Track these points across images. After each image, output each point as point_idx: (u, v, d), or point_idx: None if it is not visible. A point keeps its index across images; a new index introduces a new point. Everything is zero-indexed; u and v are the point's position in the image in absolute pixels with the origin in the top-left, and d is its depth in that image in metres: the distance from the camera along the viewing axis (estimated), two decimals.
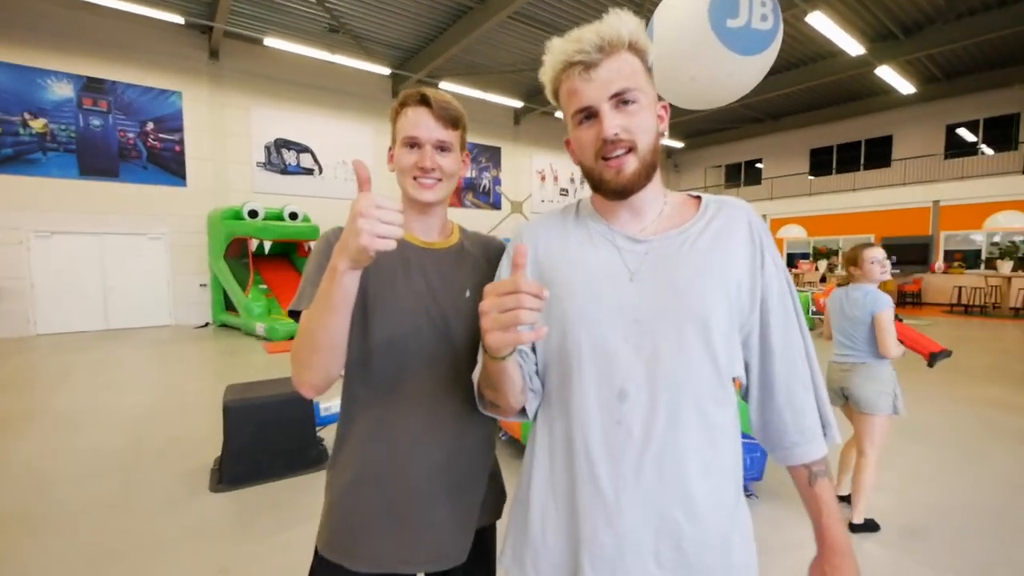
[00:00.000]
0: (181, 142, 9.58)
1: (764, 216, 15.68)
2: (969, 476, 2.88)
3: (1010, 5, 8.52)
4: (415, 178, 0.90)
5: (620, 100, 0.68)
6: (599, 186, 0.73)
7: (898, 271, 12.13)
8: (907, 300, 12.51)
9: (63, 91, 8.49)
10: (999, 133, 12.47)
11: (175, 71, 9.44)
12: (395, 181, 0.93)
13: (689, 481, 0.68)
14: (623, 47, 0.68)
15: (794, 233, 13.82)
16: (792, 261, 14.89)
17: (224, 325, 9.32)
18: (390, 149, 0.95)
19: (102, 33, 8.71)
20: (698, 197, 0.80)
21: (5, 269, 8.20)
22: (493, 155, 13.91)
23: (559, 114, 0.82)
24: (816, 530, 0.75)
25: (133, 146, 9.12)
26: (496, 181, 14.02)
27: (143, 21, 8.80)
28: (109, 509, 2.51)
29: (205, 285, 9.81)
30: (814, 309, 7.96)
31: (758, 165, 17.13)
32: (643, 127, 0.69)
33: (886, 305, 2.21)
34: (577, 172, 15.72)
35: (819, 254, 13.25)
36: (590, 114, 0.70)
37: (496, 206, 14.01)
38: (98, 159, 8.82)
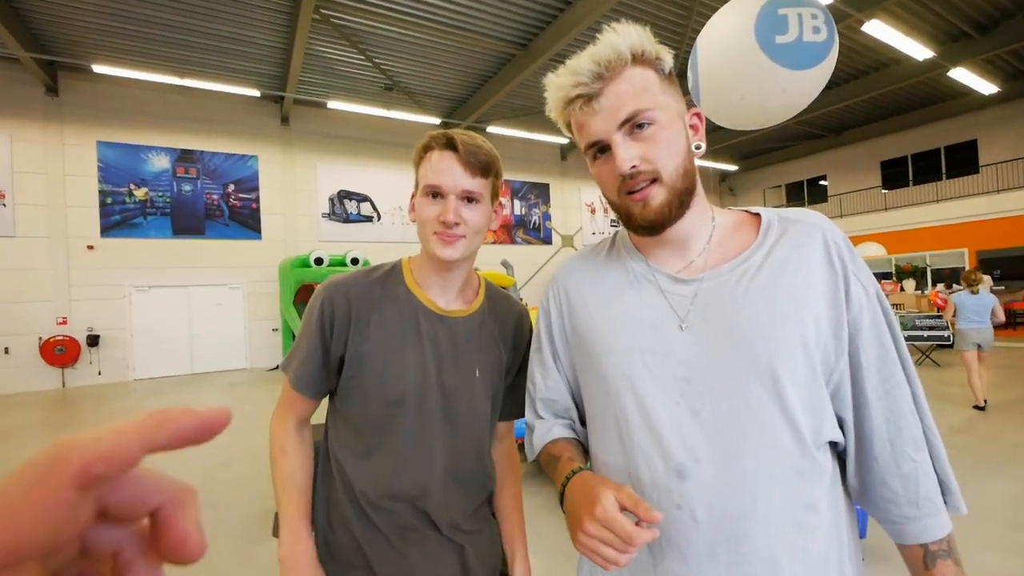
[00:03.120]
0: (257, 200, 10.53)
1: None
2: None
3: None
4: (436, 233, 0.78)
5: (633, 125, 0.59)
6: (628, 222, 0.65)
7: (1003, 287, 10.77)
8: (1016, 320, 10.98)
9: (161, 163, 9.66)
10: None
11: (252, 137, 10.51)
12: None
13: (777, 574, 0.55)
14: (626, 64, 0.59)
15: (872, 251, 12.64)
16: None
17: None
18: (412, 197, 0.84)
19: (192, 110, 9.92)
20: (758, 214, 0.67)
21: (110, 321, 9.20)
22: (542, 192, 14.12)
23: None
24: None
25: (217, 206, 10.13)
26: (546, 216, 14.16)
27: (225, 97, 9.95)
28: None
29: (277, 330, 10.47)
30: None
31: (822, 182, 16.17)
32: (666, 151, 0.59)
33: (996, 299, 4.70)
34: None
35: (903, 272, 12.08)
36: (602, 147, 0.62)
37: (547, 241, 14.09)
38: (188, 220, 9.86)
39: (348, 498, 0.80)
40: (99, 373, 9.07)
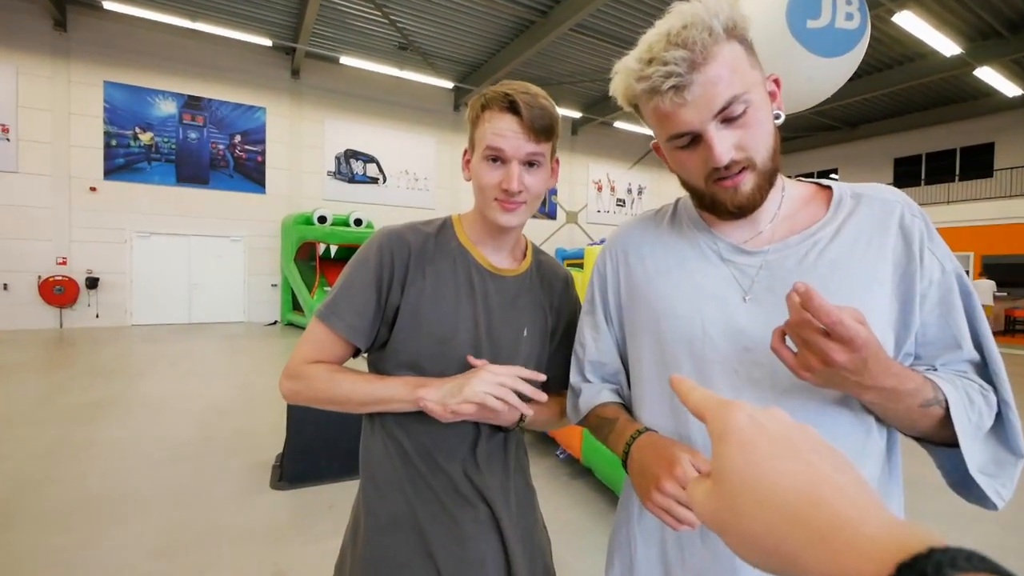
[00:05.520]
0: (263, 153, 10.41)
1: None
2: None
3: None
4: (496, 199, 0.76)
5: (729, 114, 0.54)
6: (711, 208, 0.61)
7: (1004, 293, 10.78)
8: (1016, 327, 11.04)
9: (168, 108, 9.51)
10: None
11: (261, 89, 10.33)
12: (461, 189, 0.83)
13: None
14: (718, 43, 0.52)
15: None
16: None
17: (291, 324, 9.88)
18: (465, 154, 0.82)
19: (202, 56, 9.72)
20: (829, 187, 0.64)
21: (110, 265, 9.19)
22: None
23: (618, 124, 0.67)
24: None
25: (222, 157, 10.01)
26: (552, 191, 14.05)
27: (237, 45, 9.74)
28: (177, 500, 2.59)
29: (276, 285, 10.48)
30: None
31: (833, 176, 16.03)
32: (760, 135, 0.55)
33: None
34: (636, 182, 15.44)
35: None
36: (692, 138, 0.56)
37: (551, 216, 14.01)
38: (192, 168, 9.76)
39: (401, 460, 0.79)
40: (97, 316, 9.10)
